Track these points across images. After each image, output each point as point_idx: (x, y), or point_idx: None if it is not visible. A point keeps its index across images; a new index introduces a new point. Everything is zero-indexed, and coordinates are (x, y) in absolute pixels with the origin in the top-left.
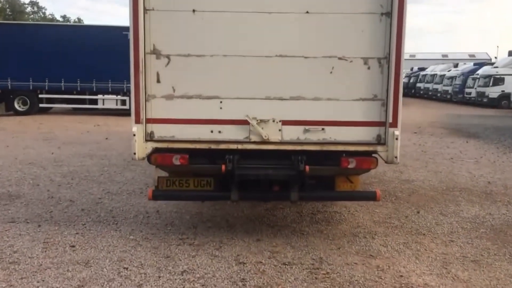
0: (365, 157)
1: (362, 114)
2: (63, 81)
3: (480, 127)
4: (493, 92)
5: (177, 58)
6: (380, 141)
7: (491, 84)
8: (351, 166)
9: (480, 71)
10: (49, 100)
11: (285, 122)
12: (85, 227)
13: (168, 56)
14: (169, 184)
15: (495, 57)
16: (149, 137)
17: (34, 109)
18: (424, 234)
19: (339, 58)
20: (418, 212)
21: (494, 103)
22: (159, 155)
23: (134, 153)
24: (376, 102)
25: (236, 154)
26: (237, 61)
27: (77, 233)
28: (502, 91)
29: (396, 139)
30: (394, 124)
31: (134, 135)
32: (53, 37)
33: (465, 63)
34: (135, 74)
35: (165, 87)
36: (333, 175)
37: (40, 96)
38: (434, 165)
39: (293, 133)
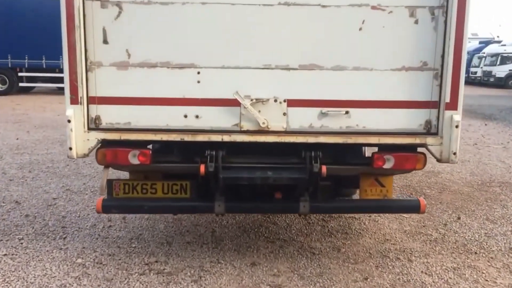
0: (408, 154)
1: (404, 90)
2: (44, 58)
3: (493, 108)
4: (501, 71)
5: (132, 6)
6: (431, 129)
7: (498, 63)
8: (387, 166)
9: (487, 50)
10: (30, 79)
11: (292, 103)
12: (21, 243)
13: (118, 4)
14: (127, 190)
15: (497, 36)
16: (94, 124)
17: (13, 89)
18: (476, 253)
19: (373, 7)
20: (459, 218)
21: (501, 83)
22: (109, 151)
23: (70, 148)
24: (426, 73)
25: (220, 148)
26: (222, 12)
27: (5, 254)
28: (510, 70)
29: (456, 126)
30: (452, 105)
31: (69, 121)
32: (33, 10)
33: (469, 41)
34: (68, 31)
35: (115, 51)
36: (357, 174)
37: (20, 74)
38: (458, 152)
39: (303, 118)
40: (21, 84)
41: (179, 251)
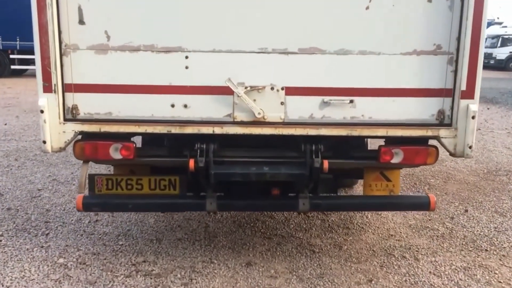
0: (419, 147)
1: (415, 76)
2: None
3: (495, 91)
4: (501, 53)
5: None
6: (444, 120)
7: (499, 45)
8: (395, 160)
9: (487, 31)
10: (23, 61)
11: (291, 91)
12: (0, 241)
13: None
14: (110, 186)
15: (497, 18)
16: (71, 115)
17: (5, 72)
18: (487, 250)
19: None
20: (466, 211)
21: (501, 65)
22: (88, 144)
23: (44, 142)
24: (440, 58)
25: (212, 141)
26: None
27: None
28: (511, 52)
29: (473, 117)
30: (469, 94)
31: (43, 111)
32: None
33: None
34: (38, 10)
35: (93, 32)
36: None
37: (11, 56)
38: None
39: (303, 107)
40: (13, 67)
41: (169, 249)
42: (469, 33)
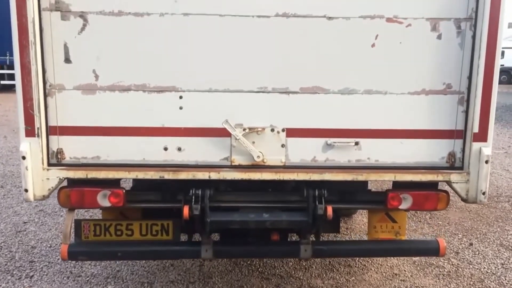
0: (429, 192)
1: (424, 117)
2: None
3: None
4: None
5: (99, 18)
6: (455, 163)
7: None
8: (404, 206)
9: None
10: (13, 77)
11: (292, 132)
12: None
13: (83, 15)
14: (98, 232)
15: None
16: (55, 159)
17: None
18: None
19: (388, 20)
20: (471, 244)
21: None
22: (74, 191)
23: (26, 190)
24: (450, 97)
25: (208, 187)
26: (209, 24)
27: None
28: (502, 65)
29: (486, 162)
30: (481, 136)
31: (24, 157)
32: None
33: None
34: (20, 49)
35: (80, 71)
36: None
37: (1, 72)
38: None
39: (305, 150)
40: (2, 82)
41: None
42: (482, 72)
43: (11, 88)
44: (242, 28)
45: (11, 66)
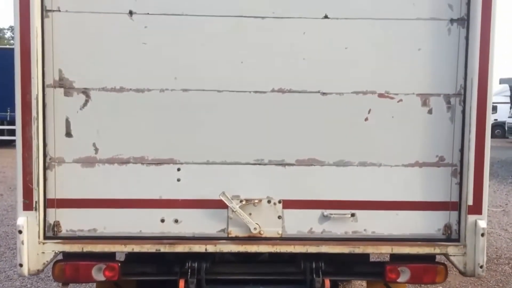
0: (427, 265)
1: (419, 189)
2: None
3: None
4: None
5: (101, 94)
6: (451, 235)
7: None
8: (402, 279)
9: None
10: (12, 132)
11: (288, 204)
12: None
13: (85, 91)
14: None
15: None
16: (52, 232)
17: None
18: None
19: (380, 95)
20: None
21: None
22: (69, 265)
23: (21, 265)
24: (444, 170)
25: (204, 259)
26: (207, 100)
27: None
28: (495, 119)
29: (482, 235)
30: (476, 209)
31: (21, 231)
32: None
33: None
34: (23, 124)
35: (80, 145)
36: None
37: (1, 127)
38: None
39: (302, 222)
40: (1, 138)
41: None
42: (473, 145)
43: (9, 144)
44: (239, 103)
45: (11, 122)
